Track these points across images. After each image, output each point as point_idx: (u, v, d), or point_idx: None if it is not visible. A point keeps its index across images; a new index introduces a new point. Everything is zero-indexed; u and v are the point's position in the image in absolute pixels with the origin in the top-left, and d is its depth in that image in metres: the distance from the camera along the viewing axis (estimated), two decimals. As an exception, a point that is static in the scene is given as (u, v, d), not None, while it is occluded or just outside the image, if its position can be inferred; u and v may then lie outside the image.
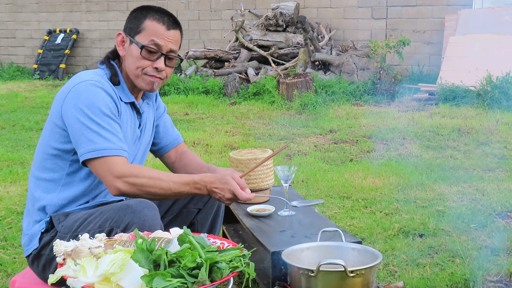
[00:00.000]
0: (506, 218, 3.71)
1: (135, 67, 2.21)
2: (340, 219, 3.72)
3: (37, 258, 2.19)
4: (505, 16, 8.49)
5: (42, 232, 2.19)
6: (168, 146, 2.52)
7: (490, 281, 2.83)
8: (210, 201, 2.47)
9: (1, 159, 5.38)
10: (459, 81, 7.56)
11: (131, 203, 2.04)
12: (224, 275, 1.63)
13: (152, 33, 2.20)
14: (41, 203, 2.21)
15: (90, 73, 2.20)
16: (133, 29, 2.23)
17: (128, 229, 1.98)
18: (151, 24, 2.21)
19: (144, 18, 2.22)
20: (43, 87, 10.27)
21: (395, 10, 9.55)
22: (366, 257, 2.07)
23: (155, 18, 2.22)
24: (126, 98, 2.25)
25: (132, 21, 2.24)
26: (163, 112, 2.52)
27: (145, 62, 2.21)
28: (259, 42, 9.55)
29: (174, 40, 2.24)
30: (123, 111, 2.23)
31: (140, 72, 2.22)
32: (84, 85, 2.12)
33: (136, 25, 2.23)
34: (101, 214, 2.07)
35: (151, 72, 2.21)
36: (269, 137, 6.10)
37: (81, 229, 2.07)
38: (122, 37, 2.25)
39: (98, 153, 2.06)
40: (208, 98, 8.30)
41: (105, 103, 2.12)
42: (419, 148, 5.55)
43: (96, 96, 2.11)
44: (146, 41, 2.20)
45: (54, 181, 2.20)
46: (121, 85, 2.25)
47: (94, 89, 2.12)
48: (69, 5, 12.15)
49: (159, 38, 2.20)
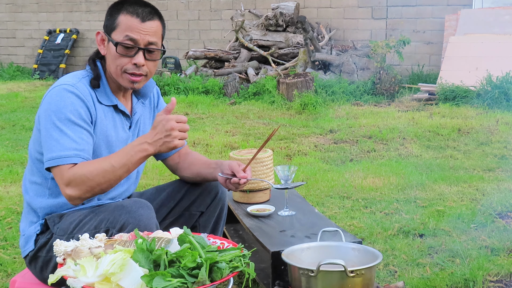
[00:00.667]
0: (506, 218, 3.71)
1: (114, 66, 2.14)
2: (340, 219, 3.72)
3: (34, 259, 2.19)
4: (505, 16, 8.49)
5: (37, 234, 2.18)
6: (169, 152, 2.44)
7: (490, 281, 2.83)
8: (212, 204, 2.41)
9: (1, 159, 5.38)
10: (459, 81, 7.56)
11: (126, 203, 2.02)
12: (224, 275, 1.63)
13: (126, 28, 2.11)
14: (32, 206, 2.21)
15: (69, 77, 2.15)
16: (108, 26, 2.16)
17: (123, 229, 1.97)
18: (125, 18, 2.12)
19: (118, 14, 2.14)
20: (43, 87, 10.27)
21: (395, 10, 9.55)
22: (366, 257, 2.07)
23: (128, 11, 2.13)
24: (107, 101, 2.18)
25: (108, 18, 2.17)
26: None
27: (123, 60, 2.13)
28: (259, 42, 9.55)
29: (151, 32, 2.13)
30: (102, 114, 2.16)
31: (119, 70, 2.14)
32: (57, 90, 2.08)
33: (111, 22, 2.15)
34: (96, 215, 2.06)
35: (130, 69, 2.13)
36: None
37: (77, 231, 2.05)
38: (102, 35, 2.18)
39: (53, 162, 2.01)
40: (208, 98, 8.30)
41: (73, 108, 2.05)
42: (419, 148, 5.55)
43: (65, 102, 2.05)
44: (121, 37, 2.11)
45: (41, 185, 2.19)
46: (102, 87, 2.18)
47: (65, 94, 2.06)
48: (69, 5, 12.15)
49: (133, 32, 2.11)
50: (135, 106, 2.31)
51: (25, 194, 2.24)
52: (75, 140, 2.03)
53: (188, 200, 2.39)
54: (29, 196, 2.22)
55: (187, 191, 2.40)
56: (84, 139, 2.06)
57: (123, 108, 2.24)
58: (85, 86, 2.13)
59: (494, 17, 8.54)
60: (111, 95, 2.20)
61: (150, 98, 2.40)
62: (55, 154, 2.01)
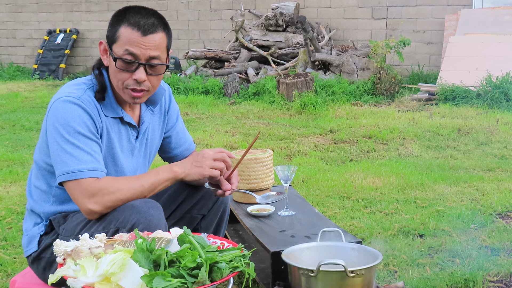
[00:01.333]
0: (506, 218, 3.71)
1: (116, 81, 2.06)
2: (340, 219, 3.72)
3: (37, 260, 2.18)
4: (505, 16, 8.50)
5: (41, 235, 2.17)
6: (180, 155, 2.43)
7: (490, 281, 2.83)
8: (214, 207, 2.39)
9: (1, 159, 5.38)
10: (459, 81, 7.57)
11: (136, 204, 1.99)
12: (224, 275, 1.63)
13: (126, 41, 2.01)
14: (36, 210, 2.19)
15: (73, 87, 2.08)
16: (110, 37, 2.06)
17: (133, 229, 1.93)
18: (125, 31, 2.01)
19: (119, 25, 2.03)
20: (43, 87, 10.27)
21: (395, 10, 9.55)
22: (366, 257, 2.07)
23: (130, 23, 2.01)
24: (112, 113, 2.12)
25: (110, 29, 2.07)
26: (175, 122, 2.40)
27: (123, 75, 2.04)
28: (259, 42, 9.55)
29: (153, 46, 2.02)
30: (108, 126, 2.11)
31: (121, 85, 2.06)
32: (60, 103, 2.02)
33: (113, 33, 2.05)
34: (104, 216, 2.02)
35: (131, 85, 2.04)
36: (269, 137, 6.10)
37: (84, 232, 2.01)
38: (104, 46, 2.09)
39: (70, 176, 1.98)
40: (208, 98, 8.30)
41: (81, 121, 2.01)
42: (419, 148, 5.55)
43: (72, 114, 2.00)
44: (121, 51, 2.01)
45: (46, 192, 2.17)
46: (107, 99, 2.11)
47: (70, 107, 2.01)
48: (69, 5, 12.15)
49: (133, 47, 2.00)
50: (143, 115, 2.24)
51: (29, 197, 2.23)
52: (89, 153, 2.01)
53: (190, 203, 2.38)
54: (33, 200, 2.21)
55: (188, 193, 2.39)
56: (96, 151, 2.04)
57: (129, 119, 2.17)
58: (90, 98, 2.07)
59: (494, 17, 8.54)
60: (116, 107, 2.13)
61: (161, 103, 2.32)
62: (72, 168, 1.98)
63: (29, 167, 5.11)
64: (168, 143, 2.40)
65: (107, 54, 2.09)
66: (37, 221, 2.20)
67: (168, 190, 2.39)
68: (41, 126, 2.71)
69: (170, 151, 2.43)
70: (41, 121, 7.13)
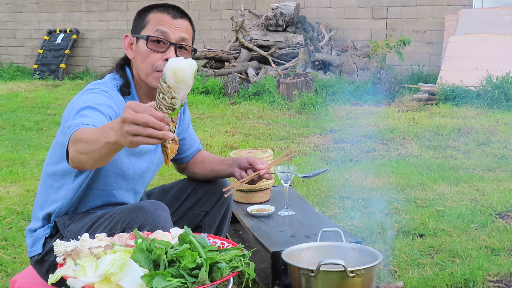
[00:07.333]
0: (506, 218, 3.71)
1: (145, 65, 2.06)
2: (340, 219, 3.72)
3: (40, 262, 2.16)
4: (505, 16, 8.49)
5: (46, 237, 2.15)
6: (188, 156, 2.44)
7: (490, 281, 2.83)
8: (217, 204, 2.40)
9: (1, 159, 5.38)
10: (459, 81, 7.56)
11: (143, 205, 1.98)
12: (224, 275, 1.63)
13: (157, 22, 2.06)
14: (47, 210, 2.16)
15: (101, 84, 2.07)
16: (137, 26, 2.12)
17: (140, 231, 1.92)
18: (155, 16, 2.08)
19: (148, 13, 2.11)
20: (43, 87, 10.27)
21: (395, 10, 9.55)
22: (366, 257, 2.07)
23: (159, 10, 2.09)
24: None
25: (137, 19, 2.14)
26: (188, 123, 2.41)
27: (154, 56, 2.04)
28: (259, 42, 9.55)
29: (183, 28, 2.08)
30: None
31: (150, 69, 2.05)
32: (91, 92, 2.01)
33: (140, 22, 2.12)
34: (110, 217, 2.00)
35: (161, 66, 2.03)
36: (269, 137, 6.10)
37: (90, 234, 1.96)
38: (129, 38, 2.13)
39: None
40: (208, 98, 8.30)
41: (105, 104, 1.95)
42: (419, 148, 5.55)
43: (96, 99, 1.94)
44: (152, 32, 2.05)
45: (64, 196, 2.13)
46: (131, 95, 2.12)
47: (95, 95, 1.98)
48: (69, 5, 12.15)
49: (165, 26, 2.05)
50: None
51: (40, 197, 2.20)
52: (90, 117, 1.85)
53: (193, 199, 2.38)
54: (44, 199, 2.19)
55: (192, 190, 2.39)
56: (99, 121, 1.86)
57: None
58: (118, 94, 2.06)
59: (494, 17, 8.54)
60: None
61: None
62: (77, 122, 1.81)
63: (29, 167, 5.11)
64: (182, 145, 2.40)
65: (131, 48, 2.12)
66: (43, 223, 2.18)
67: (174, 187, 2.42)
68: (41, 126, 2.69)
69: (183, 152, 2.43)
70: (41, 121, 7.13)
